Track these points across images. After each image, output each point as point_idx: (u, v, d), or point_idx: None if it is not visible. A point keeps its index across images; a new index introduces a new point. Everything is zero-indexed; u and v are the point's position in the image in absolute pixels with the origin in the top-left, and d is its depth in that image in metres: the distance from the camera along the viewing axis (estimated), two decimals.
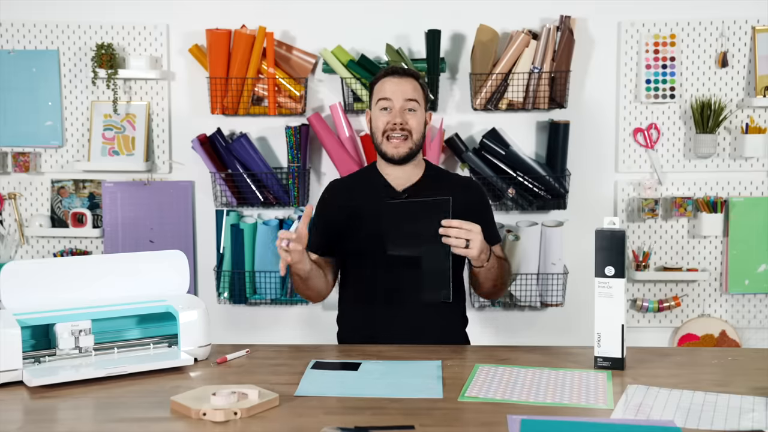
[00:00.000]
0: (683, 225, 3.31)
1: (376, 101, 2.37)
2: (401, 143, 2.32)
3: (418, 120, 2.35)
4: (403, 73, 2.37)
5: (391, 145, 2.33)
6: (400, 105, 2.33)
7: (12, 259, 3.37)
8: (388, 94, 2.34)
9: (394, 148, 2.33)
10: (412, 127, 2.33)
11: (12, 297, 2.00)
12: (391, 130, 2.32)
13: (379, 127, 2.34)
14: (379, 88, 2.37)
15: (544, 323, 3.36)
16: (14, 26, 3.34)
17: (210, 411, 1.62)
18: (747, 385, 1.81)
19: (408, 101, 2.33)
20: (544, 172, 3.21)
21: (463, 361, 2.03)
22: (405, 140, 2.33)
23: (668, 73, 3.25)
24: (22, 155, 3.32)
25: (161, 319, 2.09)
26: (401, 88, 2.34)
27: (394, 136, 2.32)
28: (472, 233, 2.11)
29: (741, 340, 3.32)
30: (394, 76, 2.37)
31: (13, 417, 1.71)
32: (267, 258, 3.27)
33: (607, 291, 1.94)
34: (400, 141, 2.32)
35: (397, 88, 2.34)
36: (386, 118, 2.33)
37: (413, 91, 2.35)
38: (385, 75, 2.38)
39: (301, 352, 2.12)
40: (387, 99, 2.33)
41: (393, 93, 2.34)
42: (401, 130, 2.32)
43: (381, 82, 2.38)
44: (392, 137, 2.32)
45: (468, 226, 2.10)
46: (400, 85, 2.34)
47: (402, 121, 2.32)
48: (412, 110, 2.34)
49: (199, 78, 3.32)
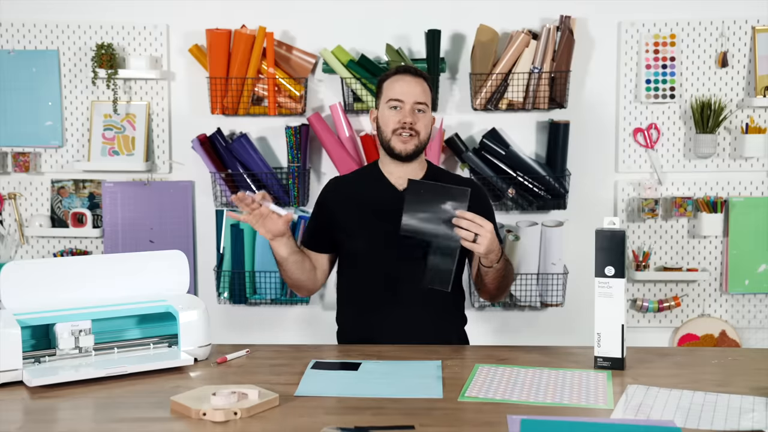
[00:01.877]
0: (683, 225, 3.31)
1: (386, 100, 2.37)
2: (409, 139, 2.34)
3: (426, 122, 2.37)
4: (415, 74, 2.38)
5: (400, 140, 2.34)
6: (410, 107, 2.34)
7: (12, 259, 3.37)
8: (399, 95, 2.34)
9: (403, 144, 2.34)
10: (420, 129, 2.35)
11: (12, 297, 2.00)
12: (402, 128, 2.33)
13: (388, 124, 2.35)
14: (389, 87, 2.37)
15: (544, 323, 3.36)
16: (14, 26, 3.34)
17: (210, 411, 1.62)
18: (747, 385, 1.81)
19: (418, 104, 2.34)
20: (544, 172, 3.21)
21: (463, 361, 2.03)
22: (412, 138, 2.34)
23: (668, 73, 3.25)
24: (22, 155, 3.32)
25: (161, 319, 2.09)
26: (413, 89, 2.35)
27: (404, 133, 2.33)
28: (483, 229, 2.10)
29: (741, 340, 3.32)
30: (406, 74, 2.37)
31: (13, 417, 1.72)
32: (267, 258, 3.27)
33: (607, 291, 1.94)
34: (408, 138, 2.33)
35: (409, 90, 2.35)
36: (397, 117, 2.34)
37: (423, 94, 2.36)
38: (397, 73, 2.38)
39: (301, 352, 2.12)
40: (398, 100, 2.34)
41: (404, 94, 2.34)
42: (410, 129, 2.33)
43: (392, 80, 2.38)
44: (402, 133, 2.33)
45: (481, 222, 2.10)
46: (411, 87, 2.35)
47: (412, 121, 2.33)
48: (422, 111, 2.36)
49: (199, 78, 3.32)
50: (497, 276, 2.27)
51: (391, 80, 2.38)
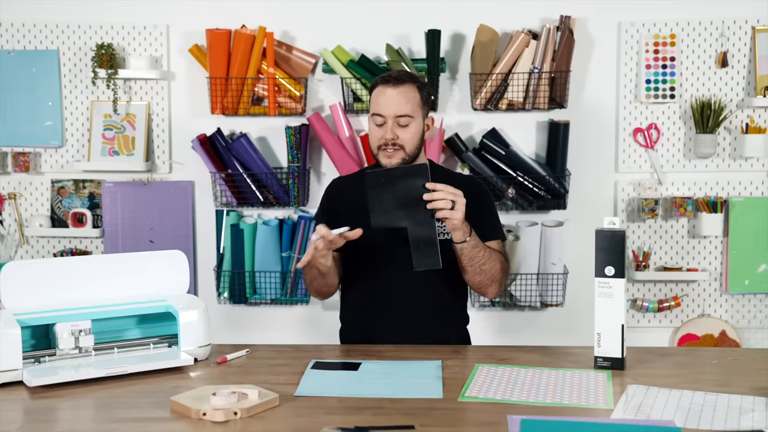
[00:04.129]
0: (683, 225, 3.31)
1: (371, 113, 2.35)
2: (393, 154, 2.31)
3: (411, 132, 2.31)
4: (396, 82, 2.31)
5: (385, 155, 2.32)
6: (392, 121, 2.30)
7: (12, 259, 3.37)
8: (380, 109, 2.30)
9: (388, 158, 2.32)
10: (405, 141, 2.30)
11: (12, 297, 2.00)
12: (384, 144, 2.31)
13: (373, 141, 2.35)
14: (374, 99, 2.34)
15: (544, 323, 3.37)
16: (14, 26, 3.34)
17: (210, 411, 1.62)
18: (747, 385, 1.81)
19: (399, 117, 2.29)
20: (544, 172, 3.21)
21: (463, 361, 2.03)
22: (397, 151, 2.31)
23: (668, 73, 3.25)
24: (22, 155, 3.32)
25: (161, 319, 2.09)
26: (394, 101, 2.29)
27: (387, 149, 2.31)
28: (456, 195, 2.10)
29: (741, 340, 3.32)
30: (387, 86, 2.31)
31: (13, 417, 1.72)
32: (267, 258, 3.27)
33: (607, 291, 1.94)
34: (393, 152, 2.31)
35: (390, 102, 2.29)
36: (379, 133, 2.32)
37: (406, 104, 2.29)
38: (381, 83, 2.33)
39: (301, 352, 2.12)
40: (379, 115, 2.31)
41: (385, 108, 2.30)
42: (393, 145, 2.30)
43: (376, 92, 2.34)
44: (385, 149, 2.32)
45: (452, 189, 2.10)
46: (393, 98, 2.29)
47: (392, 137, 2.29)
48: (404, 125, 2.30)
49: (199, 78, 3.32)
50: (473, 254, 2.24)
51: (376, 92, 2.34)
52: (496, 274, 2.31)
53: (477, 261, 2.25)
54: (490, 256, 2.28)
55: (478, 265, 2.26)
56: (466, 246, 2.22)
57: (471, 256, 2.24)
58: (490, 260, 2.28)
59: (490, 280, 2.31)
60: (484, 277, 2.29)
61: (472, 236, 2.21)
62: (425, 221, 2.10)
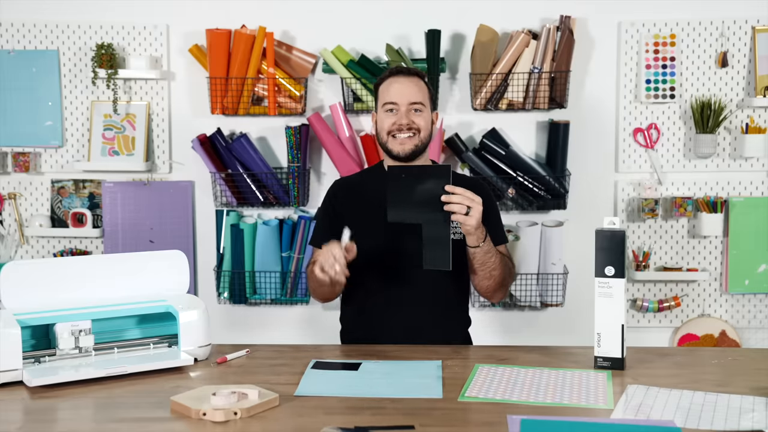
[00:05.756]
0: (683, 225, 3.31)
1: (382, 104, 2.36)
2: (407, 140, 2.32)
3: (425, 119, 2.35)
4: (407, 73, 2.36)
5: (397, 141, 2.32)
6: (406, 108, 2.32)
7: (12, 259, 3.37)
8: (393, 98, 2.33)
9: (400, 145, 2.32)
10: (420, 126, 2.33)
11: (12, 297, 2.00)
12: (398, 130, 2.32)
13: (384, 127, 2.34)
14: (384, 90, 2.36)
15: (544, 323, 3.37)
16: (14, 26, 3.34)
17: (210, 411, 1.62)
18: (747, 385, 1.81)
19: (413, 104, 2.33)
20: (544, 172, 3.21)
21: (463, 361, 2.03)
22: (411, 138, 2.32)
23: (668, 73, 3.25)
24: (22, 155, 3.32)
25: (161, 319, 2.09)
26: (407, 90, 2.33)
27: (401, 135, 2.32)
28: (474, 202, 2.10)
29: (741, 340, 3.32)
30: (399, 76, 2.35)
31: (13, 417, 1.71)
32: (267, 258, 3.27)
33: (607, 291, 1.94)
34: (406, 138, 2.32)
35: (403, 91, 2.33)
36: (392, 119, 2.32)
37: (419, 93, 2.34)
38: (390, 75, 2.37)
39: (301, 352, 2.12)
40: (393, 102, 2.33)
41: (398, 96, 2.33)
42: (408, 129, 2.32)
43: (386, 83, 2.36)
44: (398, 135, 2.32)
45: (470, 195, 2.10)
46: (405, 88, 2.33)
47: (408, 121, 2.32)
48: (418, 111, 2.34)
49: (199, 78, 3.32)
50: (485, 260, 2.25)
51: (386, 83, 2.36)
52: (504, 280, 2.34)
53: (488, 266, 2.27)
54: (500, 262, 2.30)
55: (489, 270, 2.28)
56: (479, 251, 2.24)
57: (483, 261, 2.26)
58: (501, 266, 2.30)
59: (498, 285, 2.33)
60: (493, 282, 2.31)
61: (486, 242, 2.23)
62: (440, 221, 2.11)
